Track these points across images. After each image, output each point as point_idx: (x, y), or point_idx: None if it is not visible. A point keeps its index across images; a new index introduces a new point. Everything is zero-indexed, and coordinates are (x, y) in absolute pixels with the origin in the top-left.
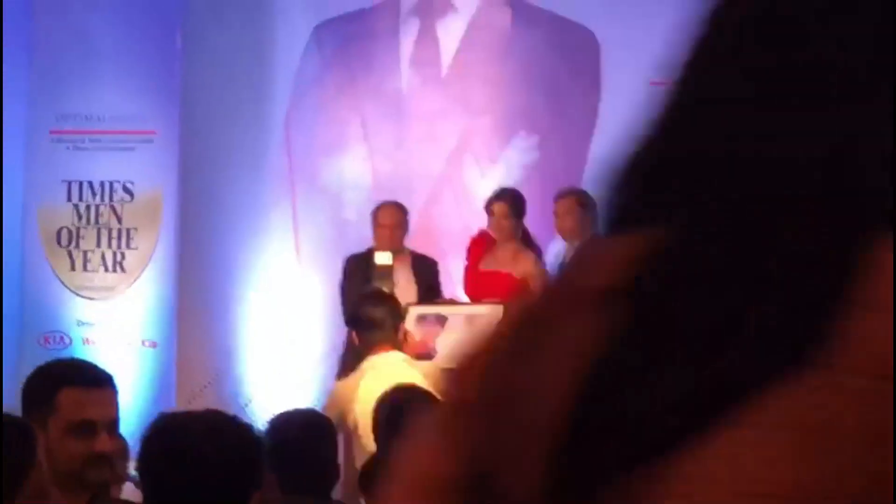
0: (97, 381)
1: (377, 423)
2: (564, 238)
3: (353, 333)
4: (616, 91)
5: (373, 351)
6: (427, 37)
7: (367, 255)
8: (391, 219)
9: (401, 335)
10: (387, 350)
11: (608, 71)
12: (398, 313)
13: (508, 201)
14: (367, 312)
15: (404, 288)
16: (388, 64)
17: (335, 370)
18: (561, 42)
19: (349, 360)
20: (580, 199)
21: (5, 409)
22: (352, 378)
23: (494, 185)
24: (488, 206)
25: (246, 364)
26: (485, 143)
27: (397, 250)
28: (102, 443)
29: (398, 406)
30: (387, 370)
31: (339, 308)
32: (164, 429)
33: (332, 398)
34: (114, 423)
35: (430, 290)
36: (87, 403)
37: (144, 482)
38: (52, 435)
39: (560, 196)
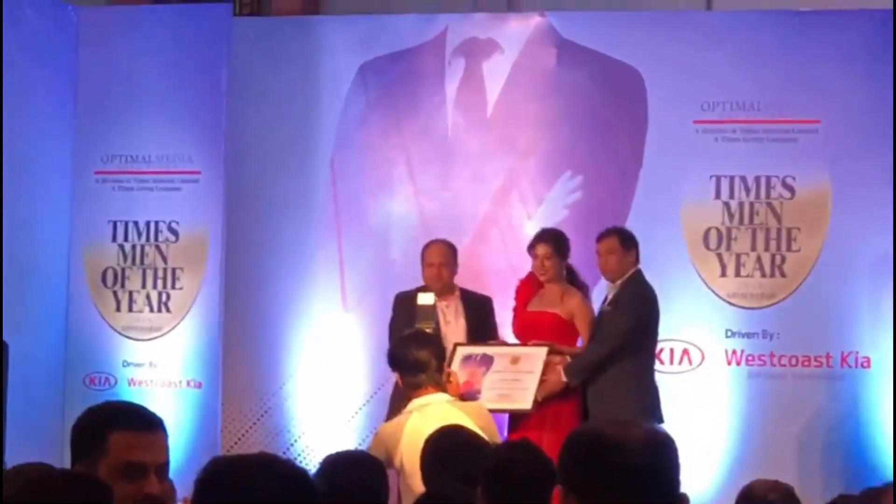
0: (149, 425)
1: (425, 464)
2: (607, 277)
3: (398, 375)
4: (661, 129)
5: (417, 392)
6: (472, 76)
7: (414, 295)
8: (440, 257)
9: (444, 376)
10: (431, 391)
11: (653, 109)
12: (442, 354)
13: (550, 242)
14: (410, 354)
15: (454, 326)
16: (434, 104)
17: (381, 409)
18: (606, 81)
19: (396, 401)
20: (622, 237)
21: (49, 452)
22: (397, 419)
23: (540, 225)
24: (531, 248)
25: (292, 403)
26: (530, 183)
27: (447, 288)
28: (151, 485)
29: (445, 448)
30: (431, 411)
31: (384, 347)
32: (219, 471)
33: (378, 439)
34: (164, 466)
35: (484, 326)
36: (137, 446)
37: None
38: (102, 476)
39: (602, 236)
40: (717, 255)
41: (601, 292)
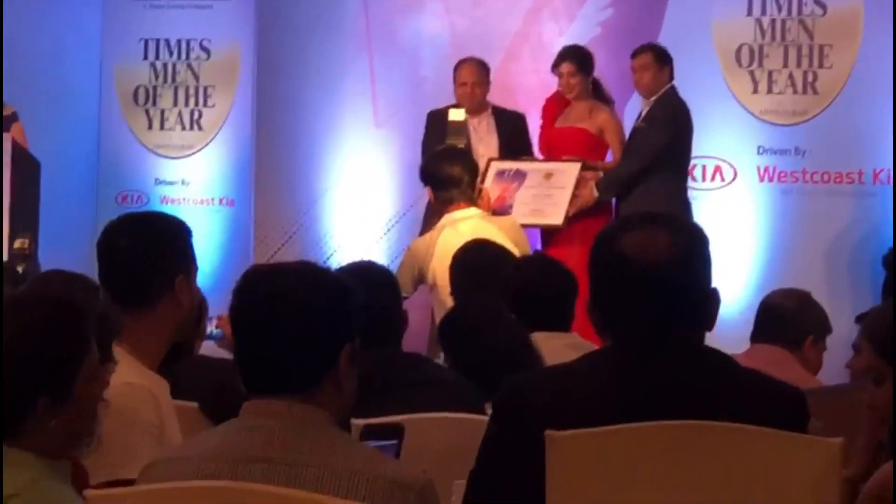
0: None
1: (453, 277)
2: (641, 94)
3: (429, 190)
4: None
5: (449, 208)
6: None
7: (446, 112)
8: (473, 76)
9: (476, 191)
10: (463, 206)
11: None
12: (474, 170)
13: (573, 59)
14: (442, 170)
15: (486, 143)
16: None
17: (413, 225)
18: None
19: (429, 217)
20: (656, 53)
21: (76, 267)
22: (429, 234)
23: (572, 42)
24: (555, 67)
25: (324, 222)
26: (562, 0)
27: (479, 106)
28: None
29: (473, 261)
30: (463, 226)
31: (417, 164)
32: (258, 278)
33: (410, 254)
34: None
35: (517, 143)
36: None
37: (237, 331)
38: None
39: (636, 52)
40: (749, 72)
41: (633, 109)
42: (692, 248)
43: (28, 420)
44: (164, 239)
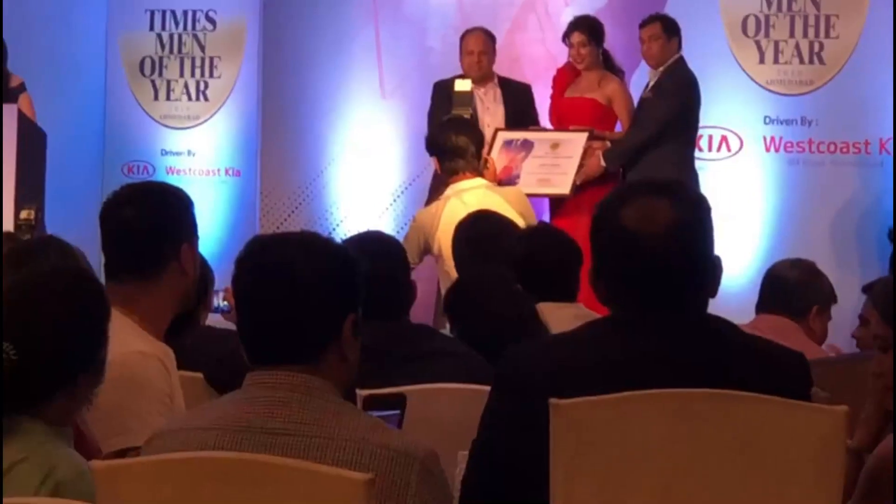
0: None
1: (456, 248)
2: (650, 64)
3: (435, 161)
4: None
5: (455, 178)
6: None
7: (452, 83)
8: (479, 45)
9: (482, 161)
10: (468, 177)
11: None
12: (480, 140)
13: (585, 29)
14: (448, 140)
15: (493, 113)
16: None
17: (420, 196)
18: None
19: (436, 187)
20: (665, 24)
21: (88, 241)
22: (435, 205)
23: (578, 12)
24: (566, 37)
25: (330, 192)
26: None
27: (485, 76)
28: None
29: (476, 232)
30: (469, 196)
31: (423, 134)
32: (261, 248)
33: (416, 224)
34: None
35: (524, 113)
36: None
37: (239, 301)
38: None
39: (645, 22)
40: (755, 41)
41: (640, 79)
42: (693, 217)
43: (60, 394)
44: (169, 208)
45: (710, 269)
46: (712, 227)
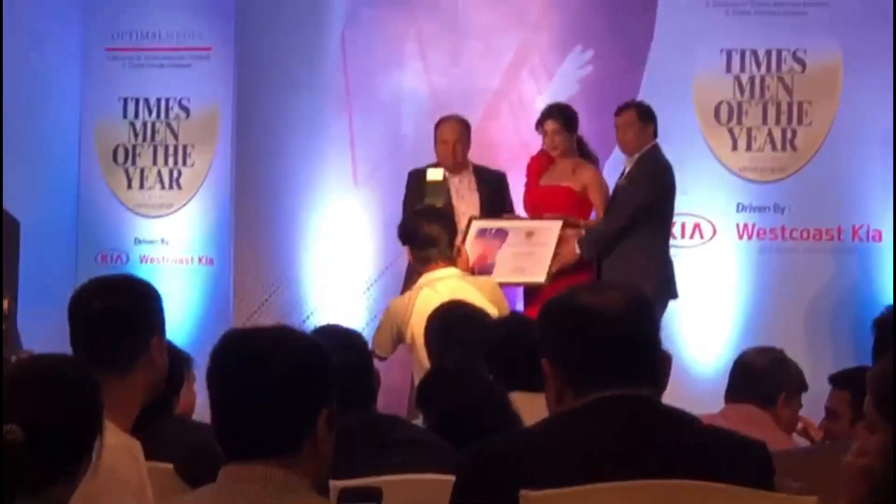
0: None
1: (429, 338)
2: (624, 151)
3: (408, 250)
4: (672, 3)
5: (428, 267)
6: None
7: (424, 172)
8: (454, 134)
9: (455, 251)
10: (442, 266)
11: None
12: (453, 229)
13: (558, 117)
14: (420, 229)
15: (467, 201)
16: None
17: (393, 284)
18: None
19: (410, 276)
20: (640, 111)
21: (61, 330)
22: (408, 294)
23: (551, 100)
24: (539, 125)
25: (303, 281)
26: (541, 58)
27: (460, 164)
28: None
29: (448, 321)
30: (442, 286)
31: (396, 222)
32: (234, 342)
33: (389, 314)
34: None
35: (498, 202)
36: None
37: (213, 393)
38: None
39: (620, 109)
40: (728, 129)
41: (615, 166)
42: (641, 302)
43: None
44: (138, 301)
45: (660, 357)
46: (658, 322)
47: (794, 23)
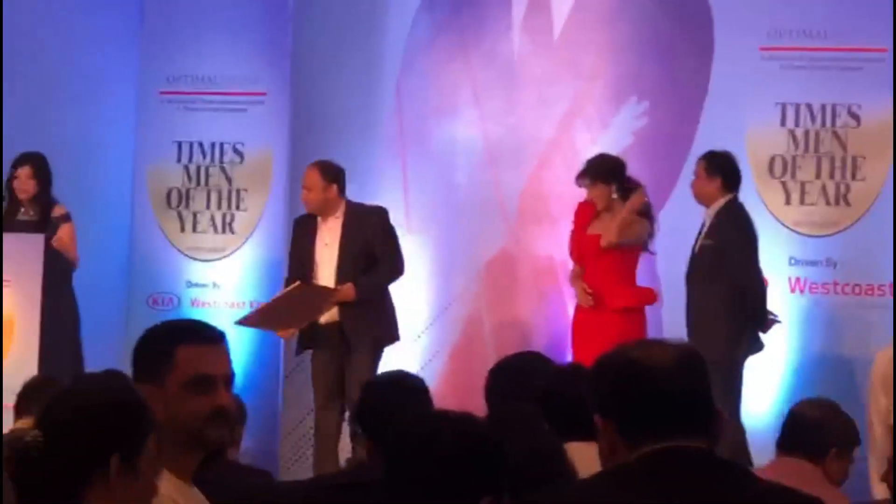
0: (214, 337)
1: (489, 383)
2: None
3: None
4: (727, 56)
5: None
6: (539, 1)
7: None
8: (305, 180)
9: None
10: None
11: (720, 35)
12: None
13: (585, 174)
14: None
15: (330, 246)
16: (500, 28)
17: (446, 329)
18: (673, 6)
19: None
20: (707, 162)
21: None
22: None
23: (605, 150)
24: (578, 181)
25: None
26: (596, 108)
27: (324, 210)
28: (222, 397)
29: (508, 368)
30: None
31: (448, 269)
32: (417, 431)
33: None
34: (230, 378)
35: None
36: (206, 359)
37: (389, 462)
38: (171, 392)
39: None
40: (781, 182)
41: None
42: (696, 358)
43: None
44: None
45: (714, 412)
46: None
47: (850, 78)
